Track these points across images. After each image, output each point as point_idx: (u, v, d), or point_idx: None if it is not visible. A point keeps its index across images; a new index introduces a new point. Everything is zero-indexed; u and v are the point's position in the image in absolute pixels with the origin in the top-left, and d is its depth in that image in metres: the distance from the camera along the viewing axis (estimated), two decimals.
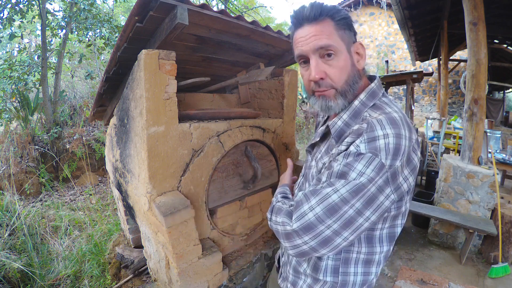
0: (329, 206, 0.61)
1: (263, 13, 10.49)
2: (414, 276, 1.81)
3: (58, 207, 3.22)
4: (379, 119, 0.65)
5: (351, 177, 0.61)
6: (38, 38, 6.20)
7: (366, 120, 0.67)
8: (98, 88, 1.69)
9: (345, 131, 0.72)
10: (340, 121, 0.74)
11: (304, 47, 0.71)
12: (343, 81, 0.72)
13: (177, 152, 1.42)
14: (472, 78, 2.73)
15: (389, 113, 0.68)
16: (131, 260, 1.99)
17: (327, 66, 0.71)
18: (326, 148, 0.80)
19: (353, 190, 0.60)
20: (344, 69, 0.72)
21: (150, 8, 1.14)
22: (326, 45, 0.69)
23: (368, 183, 0.60)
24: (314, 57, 0.71)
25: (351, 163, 0.62)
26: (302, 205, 0.65)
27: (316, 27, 0.69)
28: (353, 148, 0.63)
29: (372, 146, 0.61)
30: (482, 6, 2.68)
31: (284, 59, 2.08)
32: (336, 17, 0.70)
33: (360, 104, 0.74)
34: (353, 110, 0.74)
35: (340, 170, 0.63)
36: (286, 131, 2.08)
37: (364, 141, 0.62)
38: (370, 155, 0.61)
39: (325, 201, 0.62)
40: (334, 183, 0.62)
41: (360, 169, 0.61)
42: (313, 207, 0.63)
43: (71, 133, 4.36)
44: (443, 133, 4.56)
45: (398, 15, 4.78)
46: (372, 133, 0.62)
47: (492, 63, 6.40)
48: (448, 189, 2.84)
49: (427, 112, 9.60)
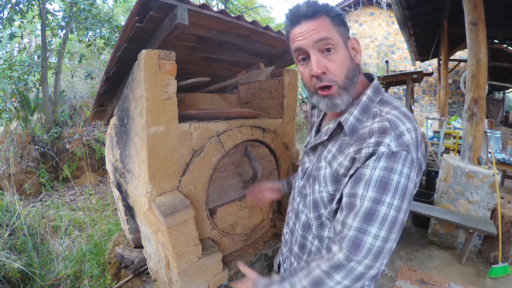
0: (391, 223, 0.61)
1: (263, 13, 10.49)
2: (414, 276, 1.81)
3: (58, 207, 3.22)
4: (396, 115, 0.66)
5: (394, 180, 0.61)
6: (38, 38, 6.20)
7: (384, 117, 0.67)
8: (98, 88, 1.69)
9: (358, 127, 0.72)
10: (351, 117, 0.73)
11: (303, 41, 0.71)
12: (343, 75, 0.72)
13: (177, 152, 1.42)
14: (472, 78, 2.73)
15: (399, 107, 0.70)
16: (131, 260, 1.99)
17: (327, 61, 0.71)
18: (339, 147, 0.76)
19: (401, 195, 0.61)
20: (344, 64, 0.72)
21: (150, 8, 1.14)
22: (325, 37, 0.69)
23: (407, 181, 0.62)
24: (314, 51, 0.71)
25: (390, 166, 0.61)
26: (365, 240, 0.60)
27: (314, 23, 0.70)
28: (384, 149, 0.62)
29: (401, 143, 0.62)
30: (482, 6, 2.68)
31: (284, 59, 2.08)
32: (331, 13, 0.71)
33: (368, 99, 0.74)
34: (362, 105, 0.73)
35: (380, 175, 0.61)
36: (286, 131, 2.08)
37: (393, 138, 0.62)
38: (404, 153, 0.62)
39: (386, 222, 0.61)
40: (381, 198, 0.61)
41: (400, 169, 0.61)
42: (377, 235, 0.61)
43: (71, 133, 4.36)
44: (443, 133, 4.56)
45: (398, 15, 4.78)
46: (397, 130, 0.63)
47: (492, 63, 6.40)
48: (448, 189, 2.84)
49: (427, 112, 9.60)
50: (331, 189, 0.74)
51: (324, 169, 0.77)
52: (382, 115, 0.68)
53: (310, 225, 0.83)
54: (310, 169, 0.85)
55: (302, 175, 0.90)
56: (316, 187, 0.78)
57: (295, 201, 0.91)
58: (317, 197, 0.78)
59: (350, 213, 0.63)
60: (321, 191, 0.76)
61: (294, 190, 0.95)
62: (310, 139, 0.94)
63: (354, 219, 0.62)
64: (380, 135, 0.64)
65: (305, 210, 0.84)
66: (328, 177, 0.75)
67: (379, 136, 0.64)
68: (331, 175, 0.74)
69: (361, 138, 0.68)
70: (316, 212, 0.79)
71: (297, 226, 0.88)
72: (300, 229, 0.86)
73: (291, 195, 0.98)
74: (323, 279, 0.63)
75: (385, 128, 0.64)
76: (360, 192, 0.63)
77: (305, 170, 0.89)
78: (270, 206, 2.07)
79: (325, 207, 0.76)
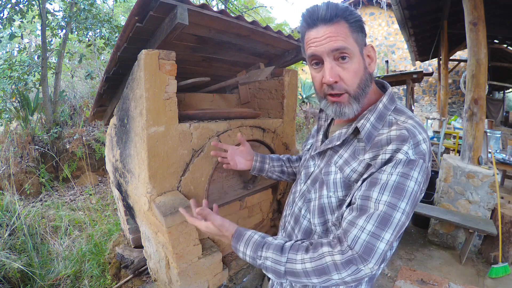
0: (400, 228, 0.63)
1: (263, 13, 10.47)
2: (414, 276, 1.81)
3: (58, 207, 3.22)
4: (413, 124, 0.68)
5: (410, 187, 0.62)
6: (38, 38, 6.20)
7: (402, 126, 0.68)
8: (98, 88, 1.68)
9: (373, 134, 0.71)
10: (368, 123, 0.72)
11: (318, 48, 0.69)
12: (356, 85, 0.71)
13: (177, 152, 1.42)
14: (472, 78, 2.73)
15: (413, 117, 0.71)
16: (131, 260, 1.99)
17: (341, 69, 0.70)
18: (352, 152, 0.75)
19: (413, 201, 0.63)
20: (358, 73, 0.71)
21: (150, 8, 1.14)
22: (342, 47, 0.68)
23: (419, 188, 0.64)
24: (329, 59, 0.69)
25: (407, 172, 0.63)
26: (377, 246, 0.61)
27: (331, 28, 0.68)
28: (402, 156, 0.63)
29: (419, 151, 0.64)
30: (482, 6, 2.69)
31: (284, 59, 2.08)
32: (350, 19, 0.69)
33: (384, 107, 0.74)
34: (378, 113, 0.73)
35: (397, 181, 0.62)
36: (286, 131, 2.08)
37: (412, 147, 0.64)
38: (421, 161, 0.64)
39: (397, 227, 0.62)
40: (397, 203, 0.62)
41: (416, 176, 0.63)
42: (386, 239, 0.62)
43: (71, 133, 4.36)
44: (443, 133, 4.56)
45: (398, 15, 4.78)
46: (415, 139, 0.65)
47: (492, 63, 6.40)
48: (448, 189, 2.84)
49: (427, 112, 9.60)
50: (341, 195, 0.73)
51: (334, 174, 0.76)
52: (398, 124, 0.69)
53: (312, 230, 0.81)
54: (317, 173, 0.83)
55: (305, 179, 0.87)
56: (324, 192, 0.77)
57: (295, 205, 0.88)
58: (324, 202, 0.76)
59: (363, 215, 0.63)
60: (330, 196, 0.75)
61: (294, 194, 0.92)
62: (316, 143, 0.91)
63: (368, 221, 0.62)
64: (399, 143, 0.65)
65: (308, 215, 0.82)
66: (338, 182, 0.74)
67: (398, 144, 0.65)
68: (342, 180, 0.73)
69: (378, 145, 0.69)
70: (322, 218, 0.77)
71: (296, 231, 0.85)
72: (300, 234, 0.84)
73: (291, 199, 0.95)
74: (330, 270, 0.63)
75: (404, 136, 0.65)
76: (375, 195, 0.63)
77: (309, 174, 0.86)
78: (270, 206, 2.07)
79: (333, 212, 0.75)
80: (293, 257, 0.68)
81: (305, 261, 0.66)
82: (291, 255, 0.68)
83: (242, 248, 0.75)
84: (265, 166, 1.19)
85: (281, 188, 2.05)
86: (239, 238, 0.77)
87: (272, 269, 0.70)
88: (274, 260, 0.70)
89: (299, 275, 0.66)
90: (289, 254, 0.69)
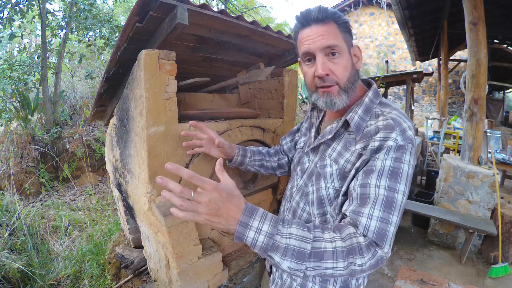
0: (401, 208, 0.67)
1: (263, 13, 10.48)
2: (414, 276, 1.81)
3: (58, 207, 3.22)
4: (398, 115, 0.74)
5: (404, 169, 0.68)
6: (38, 38, 6.20)
7: (387, 116, 0.74)
8: (98, 88, 1.68)
9: (362, 125, 0.78)
10: (356, 116, 0.79)
11: (311, 45, 0.76)
12: (345, 78, 0.77)
13: (177, 152, 1.42)
14: (472, 78, 2.73)
15: (397, 109, 0.78)
16: (131, 260, 1.99)
17: (332, 64, 0.76)
18: (344, 144, 0.80)
19: (407, 181, 0.68)
20: (347, 68, 0.78)
21: (150, 8, 1.14)
22: (333, 45, 0.75)
23: (411, 169, 0.70)
24: (321, 55, 0.76)
25: (400, 156, 0.68)
26: (388, 230, 0.64)
27: (323, 28, 0.75)
28: (392, 142, 0.69)
29: (406, 137, 0.70)
30: (482, 6, 2.69)
31: (284, 59, 2.08)
32: (339, 21, 0.76)
33: (369, 101, 0.81)
34: (365, 106, 0.80)
35: (392, 166, 0.67)
36: (286, 131, 2.08)
37: (399, 134, 0.70)
38: (410, 145, 0.70)
39: (400, 209, 0.67)
40: (396, 187, 0.66)
41: (408, 159, 0.69)
42: (394, 222, 0.66)
43: (71, 133, 4.36)
44: (443, 133, 4.56)
45: (398, 15, 4.79)
46: (401, 126, 0.71)
47: (492, 63, 6.40)
48: (448, 189, 2.84)
49: (427, 112, 9.60)
50: (337, 185, 0.78)
51: (330, 166, 0.81)
52: (384, 115, 0.75)
53: (311, 222, 0.83)
54: (312, 168, 0.88)
55: (301, 175, 0.92)
56: (322, 184, 0.81)
57: (293, 199, 0.92)
58: (323, 194, 0.80)
59: (366, 202, 0.66)
60: (327, 187, 0.79)
61: (291, 189, 0.96)
62: (309, 140, 0.97)
63: (374, 207, 0.65)
64: (387, 131, 0.70)
65: (307, 208, 0.86)
66: (335, 173, 0.79)
67: (386, 132, 0.71)
68: (338, 172, 0.78)
69: (367, 135, 0.75)
70: (321, 209, 0.81)
71: None
72: None
73: (288, 194, 0.99)
74: (356, 252, 0.61)
75: (391, 125, 0.71)
76: (374, 182, 0.67)
77: (305, 170, 0.91)
78: (270, 206, 2.07)
79: (331, 203, 0.79)
80: (320, 235, 0.62)
81: (336, 239, 0.62)
82: (318, 233, 0.63)
83: (257, 224, 0.61)
84: (246, 160, 1.21)
85: (281, 188, 2.05)
86: (252, 211, 0.64)
87: (296, 249, 0.59)
88: (300, 237, 0.60)
89: (325, 256, 0.59)
90: (315, 232, 0.63)
